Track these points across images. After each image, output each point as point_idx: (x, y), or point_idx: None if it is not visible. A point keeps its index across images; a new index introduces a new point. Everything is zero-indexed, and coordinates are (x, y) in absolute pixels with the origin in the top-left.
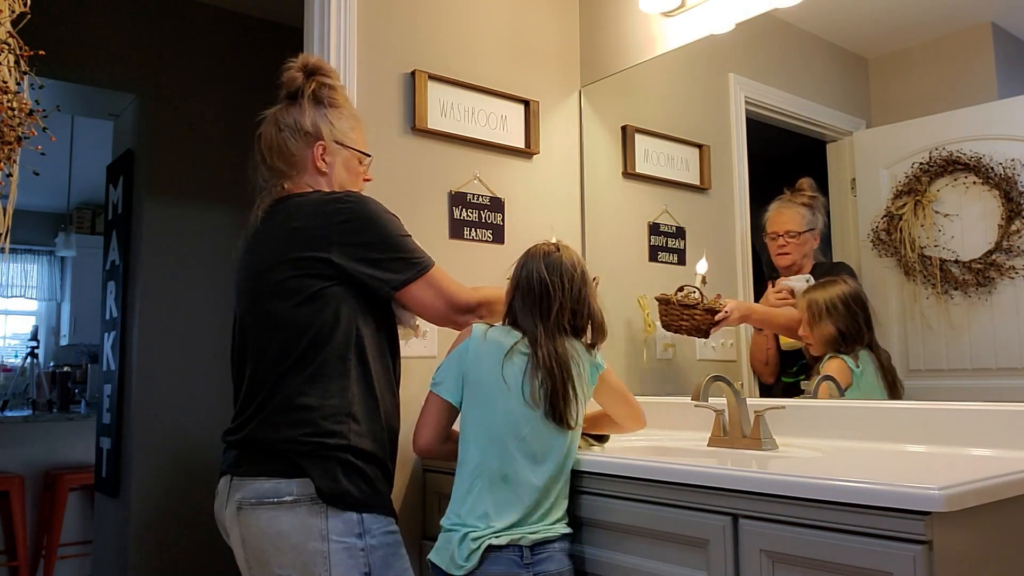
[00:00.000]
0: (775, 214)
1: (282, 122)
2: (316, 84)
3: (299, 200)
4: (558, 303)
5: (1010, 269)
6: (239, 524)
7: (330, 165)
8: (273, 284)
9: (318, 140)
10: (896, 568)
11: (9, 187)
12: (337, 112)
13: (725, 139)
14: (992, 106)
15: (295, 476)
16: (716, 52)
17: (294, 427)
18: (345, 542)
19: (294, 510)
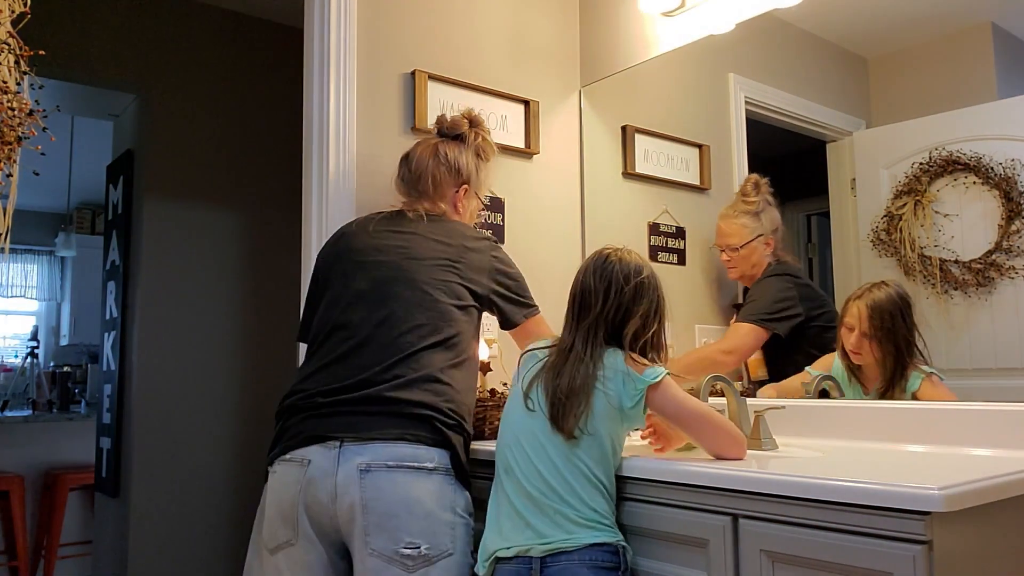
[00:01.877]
0: (719, 224)
1: (442, 154)
2: (480, 137)
3: (455, 224)
4: (596, 311)
5: (1010, 269)
6: (362, 487)
7: (465, 207)
8: (439, 279)
9: (464, 184)
10: (896, 568)
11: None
12: (485, 167)
13: (725, 139)
14: (992, 106)
15: (437, 445)
16: (716, 52)
17: (440, 397)
18: (466, 518)
19: (432, 478)
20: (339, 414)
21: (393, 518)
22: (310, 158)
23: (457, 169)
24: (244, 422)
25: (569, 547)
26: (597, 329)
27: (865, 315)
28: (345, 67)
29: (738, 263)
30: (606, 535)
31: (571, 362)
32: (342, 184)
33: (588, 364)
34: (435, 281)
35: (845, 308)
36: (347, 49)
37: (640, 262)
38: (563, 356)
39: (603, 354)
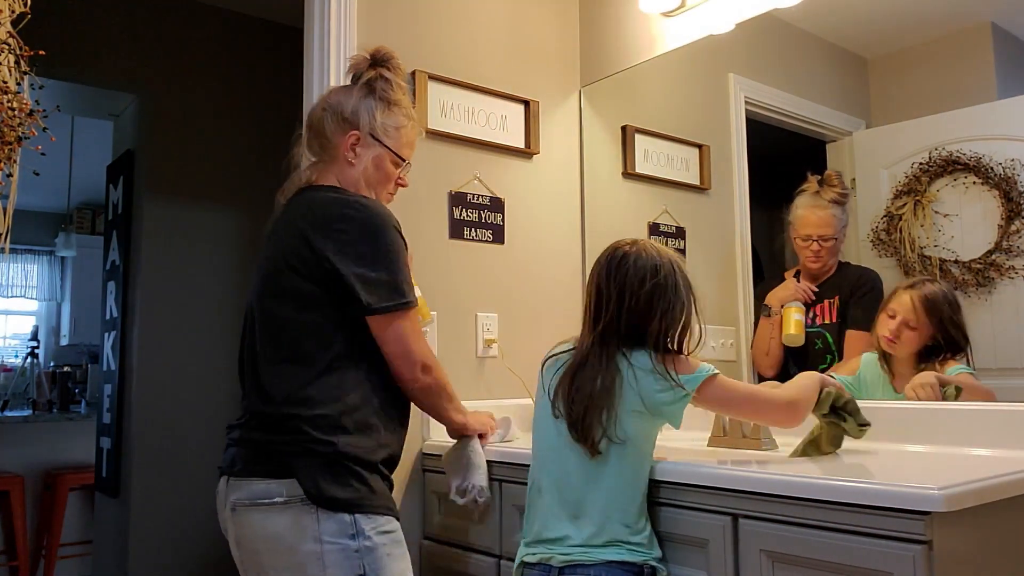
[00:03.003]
0: (807, 213)
1: (326, 102)
2: (375, 74)
3: (314, 196)
4: (612, 315)
5: (1010, 269)
6: (234, 525)
7: (359, 157)
8: (274, 282)
9: (353, 129)
10: (896, 568)
11: (9, 187)
12: (386, 108)
13: (725, 139)
14: (992, 106)
15: (284, 476)
16: (716, 52)
17: (285, 428)
18: (339, 543)
19: (286, 511)
20: (228, 449)
21: (257, 555)
22: None
23: (340, 113)
24: None
25: (587, 561)
26: (614, 333)
27: (912, 306)
28: (345, 67)
29: (827, 255)
30: (630, 554)
31: (589, 367)
32: None
33: (607, 370)
34: (276, 289)
35: (892, 296)
36: (347, 49)
37: (657, 259)
38: (581, 361)
39: (628, 356)
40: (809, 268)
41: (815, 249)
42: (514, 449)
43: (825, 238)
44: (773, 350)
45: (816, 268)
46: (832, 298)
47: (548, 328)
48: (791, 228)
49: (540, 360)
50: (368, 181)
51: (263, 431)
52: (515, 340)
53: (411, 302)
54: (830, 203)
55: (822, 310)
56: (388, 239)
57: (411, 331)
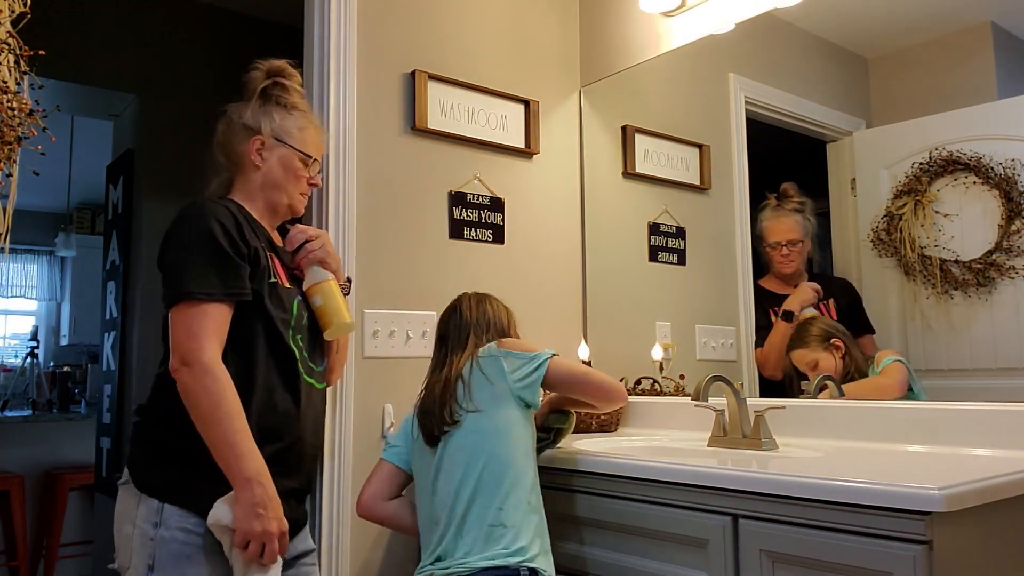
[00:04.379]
0: (774, 223)
1: (229, 116)
2: (270, 83)
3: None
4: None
5: (1010, 269)
6: None
7: (265, 160)
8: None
9: (256, 134)
10: (896, 568)
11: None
12: (284, 112)
13: (725, 139)
14: (992, 106)
15: (127, 458)
16: (716, 52)
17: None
18: (142, 528)
19: (122, 492)
20: None
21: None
22: None
23: (241, 123)
24: None
25: (463, 571)
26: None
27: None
28: (345, 67)
29: (796, 258)
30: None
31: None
32: (342, 183)
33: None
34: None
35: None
36: (347, 49)
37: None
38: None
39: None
40: (783, 272)
41: (784, 253)
42: None
43: (792, 242)
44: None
45: (789, 271)
46: (827, 300)
47: (548, 328)
48: (760, 241)
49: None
50: (275, 182)
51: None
52: None
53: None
54: (791, 211)
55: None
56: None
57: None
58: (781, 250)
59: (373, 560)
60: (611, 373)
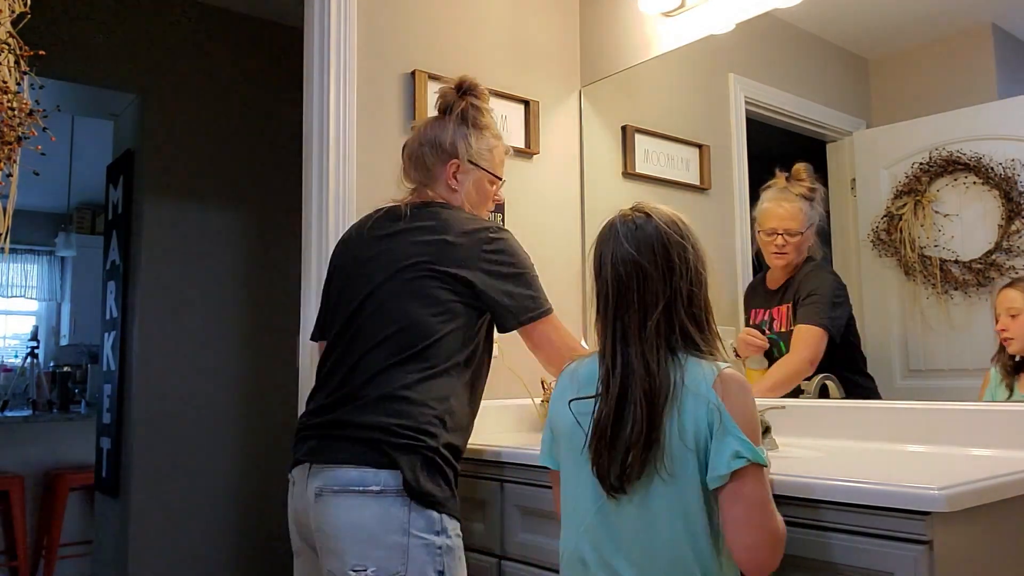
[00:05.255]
0: (772, 207)
1: (423, 137)
2: (466, 104)
3: (448, 213)
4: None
5: (1010, 269)
6: (316, 512)
7: (460, 183)
8: (411, 285)
9: (453, 158)
10: (896, 568)
11: (9, 187)
12: (478, 133)
13: (725, 139)
14: (992, 106)
15: (384, 467)
16: (716, 52)
17: (391, 416)
18: (425, 538)
19: (378, 501)
20: (310, 438)
21: (338, 541)
22: (310, 158)
23: (439, 145)
24: (244, 422)
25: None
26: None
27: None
28: (345, 67)
29: (792, 251)
30: None
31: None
32: (342, 184)
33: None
34: (406, 290)
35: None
36: (347, 49)
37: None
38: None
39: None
40: (774, 264)
41: (780, 244)
42: (513, 449)
43: (791, 232)
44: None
45: (781, 264)
46: (784, 304)
47: None
48: (756, 224)
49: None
50: (471, 204)
51: (361, 415)
52: (515, 339)
53: (548, 310)
54: (797, 197)
55: (779, 314)
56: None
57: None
58: (776, 239)
59: None
60: None
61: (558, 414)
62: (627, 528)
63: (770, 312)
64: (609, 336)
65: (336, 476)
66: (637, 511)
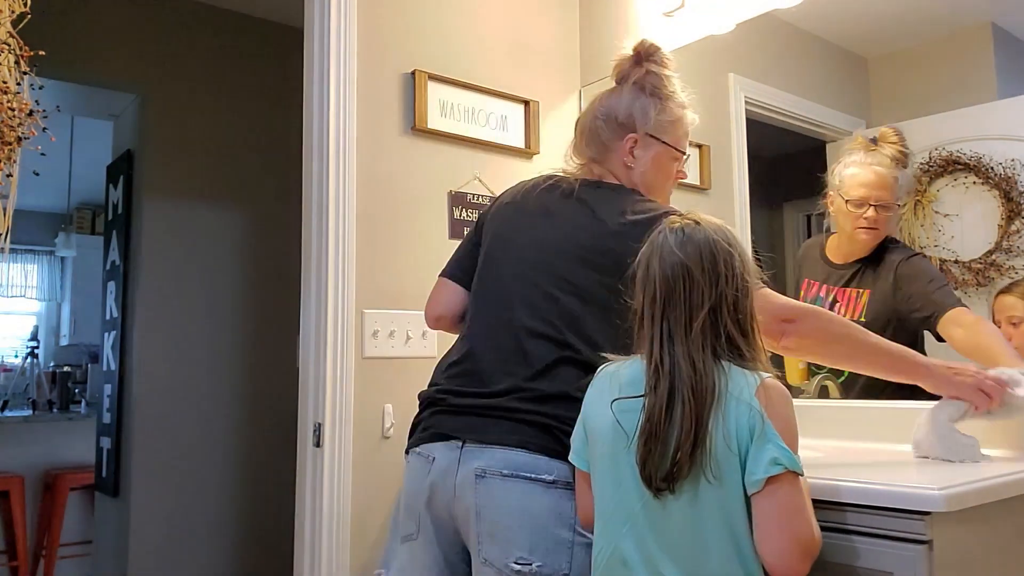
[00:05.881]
0: (862, 173)
1: (598, 109)
2: (643, 71)
3: (628, 196)
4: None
5: (1010, 269)
6: (476, 494)
7: (638, 160)
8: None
9: (630, 132)
10: (896, 568)
11: (9, 187)
12: (659, 102)
13: (725, 139)
14: (992, 106)
15: (559, 457)
16: (716, 52)
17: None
18: (587, 538)
19: (549, 492)
20: (465, 414)
21: (505, 529)
22: (310, 158)
23: (615, 117)
24: (244, 422)
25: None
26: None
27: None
28: (345, 67)
29: (882, 227)
30: None
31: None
32: (342, 184)
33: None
34: (562, 279)
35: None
36: (347, 49)
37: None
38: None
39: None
40: (859, 239)
41: (871, 217)
42: None
43: (885, 204)
44: None
45: (868, 240)
46: (861, 288)
47: None
48: (834, 195)
49: None
50: (648, 184)
51: (539, 406)
52: None
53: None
54: (891, 162)
55: (844, 297)
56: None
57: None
58: (866, 211)
59: (373, 560)
60: None
61: (597, 415)
62: (673, 529)
63: (834, 292)
64: (656, 336)
65: (505, 458)
66: (684, 511)
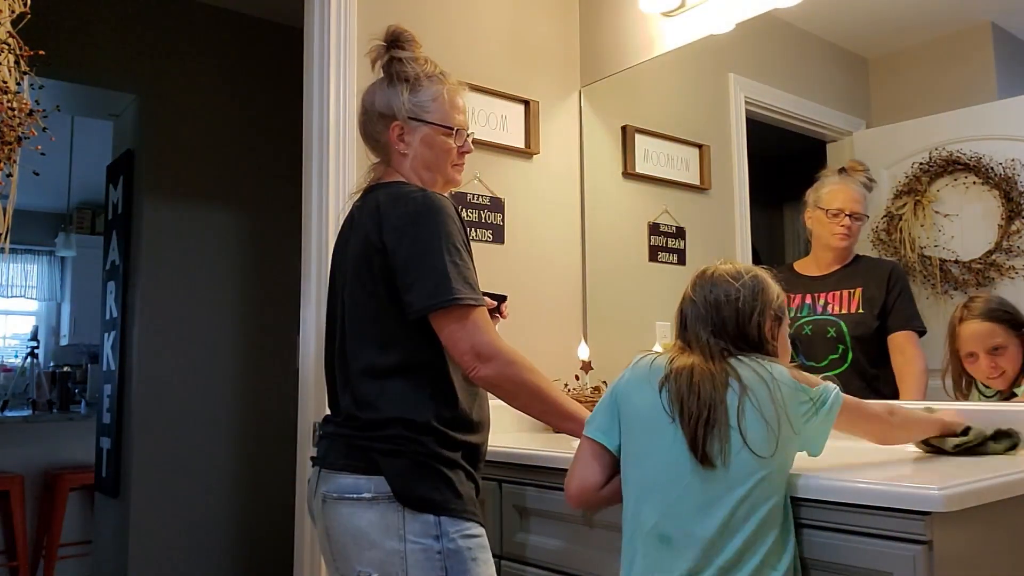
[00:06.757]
0: (839, 189)
1: (363, 104)
2: (388, 58)
3: (386, 193)
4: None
5: (1010, 269)
6: (324, 517)
7: (409, 145)
8: (358, 277)
9: (393, 121)
10: (896, 568)
11: (9, 187)
12: (409, 86)
13: (725, 139)
14: (992, 106)
15: (372, 473)
16: (716, 52)
17: (368, 424)
18: (421, 543)
19: (373, 508)
20: (322, 439)
21: (345, 548)
22: (310, 158)
23: (374, 110)
24: (244, 421)
25: None
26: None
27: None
28: (345, 67)
29: (854, 233)
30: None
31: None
32: (342, 184)
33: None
34: (355, 282)
35: (954, 337)
36: (347, 49)
37: (748, 265)
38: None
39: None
40: (835, 247)
41: (846, 224)
42: (512, 449)
43: (857, 216)
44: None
45: (844, 246)
46: (852, 288)
47: (548, 327)
48: (813, 207)
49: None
50: (425, 164)
51: (352, 428)
52: (515, 339)
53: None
54: (860, 184)
55: (836, 299)
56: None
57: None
58: (842, 219)
59: None
60: (610, 374)
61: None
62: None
63: (823, 297)
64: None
65: (336, 483)
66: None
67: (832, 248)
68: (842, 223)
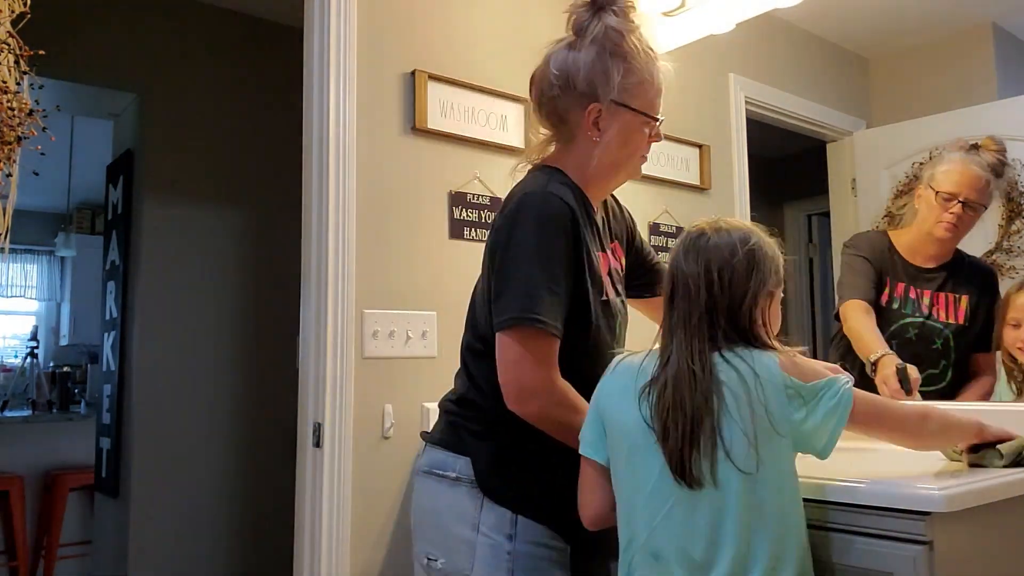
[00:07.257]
0: (958, 169)
1: (553, 71)
2: (601, 25)
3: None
4: (701, 304)
5: (1010, 269)
6: (414, 489)
7: (604, 131)
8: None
9: (592, 101)
10: (896, 568)
11: (9, 187)
12: (622, 63)
13: (725, 139)
14: (992, 106)
15: (461, 453)
16: (716, 52)
17: (467, 403)
18: (493, 539)
19: (454, 489)
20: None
21: (420, 526)
22: (310, 158)
23: (571, 83)
24: (244, 422)
25: None
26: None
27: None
28: (345, 67)
29: (964, 228)
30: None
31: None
32: (342, 184)
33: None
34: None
35: (1007, 307)
36: (347, 49)
37: (745, 228)
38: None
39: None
40: (938, 237)
41: (956, 213)
42: None
43: (972, 204)
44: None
45: (948, 238)
46: (958, 294)
47: None
48: (925, 185)
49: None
50: (613, 156)
51: (454, 404)
52: None
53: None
54: (988, 167)
55: (944, 302)
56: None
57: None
58: (953, 206)
59: (374, 560)
60: None
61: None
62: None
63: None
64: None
65: (427, 456)
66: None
67: (935, 239)
68: (952, 210)
